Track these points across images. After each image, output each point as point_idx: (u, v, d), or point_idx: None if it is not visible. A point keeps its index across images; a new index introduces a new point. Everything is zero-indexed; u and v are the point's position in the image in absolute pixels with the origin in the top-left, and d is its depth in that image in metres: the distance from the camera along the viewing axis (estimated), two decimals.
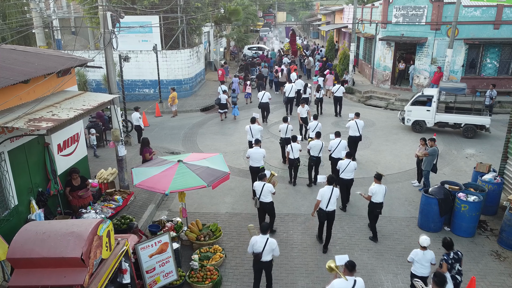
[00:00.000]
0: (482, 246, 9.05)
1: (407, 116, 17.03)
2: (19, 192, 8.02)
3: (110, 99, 9.22)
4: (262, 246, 6.99)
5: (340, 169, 10.27)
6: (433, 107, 16.36)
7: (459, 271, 6.76)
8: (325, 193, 8.56)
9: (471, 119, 16.08)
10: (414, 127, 17.02)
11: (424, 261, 6.91)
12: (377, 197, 8.97)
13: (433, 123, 16.63)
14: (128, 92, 21.68)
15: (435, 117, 16.49)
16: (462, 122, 16.20)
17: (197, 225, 9.34)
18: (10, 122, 6.71)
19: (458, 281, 6.75)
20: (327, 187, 8.63)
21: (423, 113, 16.64)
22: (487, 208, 10.10)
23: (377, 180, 9.01)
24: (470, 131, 16.10)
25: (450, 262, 6.70)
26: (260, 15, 59.15)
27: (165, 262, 6.98)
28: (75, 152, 10.21)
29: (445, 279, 5.70)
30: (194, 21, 24.00)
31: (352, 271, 5.91)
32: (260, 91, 18.76)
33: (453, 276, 6.72)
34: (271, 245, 7.05)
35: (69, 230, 5.16)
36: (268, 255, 7.08)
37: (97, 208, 9.63)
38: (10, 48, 9.43)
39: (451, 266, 6.69)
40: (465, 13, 20.64)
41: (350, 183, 10.46)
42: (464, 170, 13.12)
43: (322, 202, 8.61)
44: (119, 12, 10.15)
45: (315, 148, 11.50)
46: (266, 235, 7.10)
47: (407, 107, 17.11)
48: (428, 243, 6.93)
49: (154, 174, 8.35)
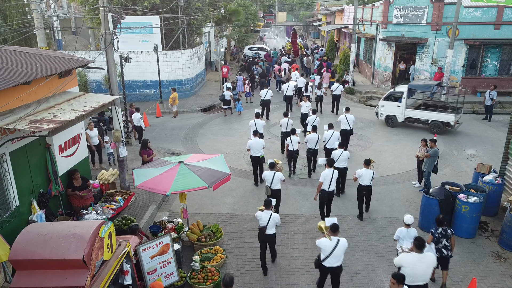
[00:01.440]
0: (483, 247, 9.05)
1: (380, 110, 18.00)
2: (21, 193, 8.03)
3: (111, 100, 9.23)
4: (266, 220, 7.81)
5: (334, 159, 10.56)
6: (403, 103, 17.17)
7: (445, 246, 7.45)
8: (327, 175, 9.38)
9: (437, 115, 16.67)
10: (387, 122, 17.92)
11: (408, 238, 7.49)
12: (364, 180, 9.77)
13: (403, 118, 17.42)
14: (129, 92, 21.68)
15: (405, 112, 17.28)
16: (429, 119, 16.86)
17: (198, 226, 9.35)
18: (11, 123, 6.73)
19: (444, 255, 7.45)
20: (328, 169, 9.44)
21: (394, 109, 17.52)
22: (488, 209, 10.10)
23: (366, 165, 9.85)
24: (436, 127, 16.66)
25: (436, 235, 7.45)
26: (261, 15, 59.11)
27: (167, 263, 6.99)
28: (76, 153, 10.22)
29: (424, 243, 6.46)
30: (194, 22, 24.02)
31: (335, 232, 6.93)
32: (263, 89, 19.10)
33: (439, 249, 7.45)
34: (274, 219, 7.91)
35: (71, 232, 5.17)
36: (271, 228, 7.94)
37: (98, 209, 9.65)
38: (12, 49, 9.44)
39: (437, 239, 7.46)
40: (465, 14, 20.64)
41: (344, 172, 11.08)
42: (464, 170, 13.12)
43: (324, 184, 9.40)
44: (120, 13, 10.16)
45: (311, 141, 12.19)
46: (269, 211, 7.91)
47: (380, 102, 18.16)
48: (412, 221, 7.61)
49: (155, 175, 8.36)
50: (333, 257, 6.90)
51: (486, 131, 17.24)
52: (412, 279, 6.28)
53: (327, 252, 6.90)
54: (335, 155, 10.85)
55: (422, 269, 6.37)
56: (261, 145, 11.64)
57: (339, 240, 6.88)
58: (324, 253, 6.94)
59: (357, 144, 15.69)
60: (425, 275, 6.42)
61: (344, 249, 6.96)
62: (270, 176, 9.62)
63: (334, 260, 6.93)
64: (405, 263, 6.38)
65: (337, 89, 19.45)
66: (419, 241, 6.45)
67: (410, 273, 6.26)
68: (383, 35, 23.22)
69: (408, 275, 6.15)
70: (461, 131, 17.06)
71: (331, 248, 6.86)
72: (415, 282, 6.34)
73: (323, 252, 6.96)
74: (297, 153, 12.38)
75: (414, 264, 6.34)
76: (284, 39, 49.41)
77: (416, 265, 6.34)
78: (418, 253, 6.44)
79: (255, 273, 8.22)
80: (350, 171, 12.51)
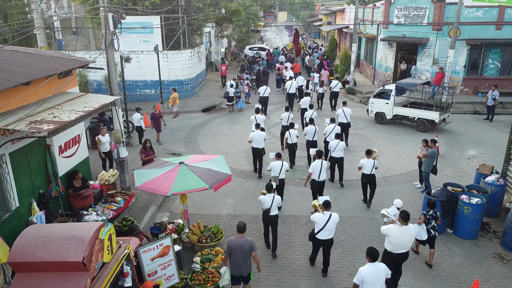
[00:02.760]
0: (485, 248, 9.00)
1: (370, 107, 18.56)
2: (20, 194, 7.99)
3: (111, 101, 9.19)
4: (270, 203, 8.40)
5: (331, 149, 11.66)
6: (391, 101, 17.65)
7: (434, 227, 8.29)
8: (316, 166, 10.03)
9: (422, 113, 17.01)
10: (377, 119, 18.44)
11: None
12: (366, 169, 10.52)
13: (391, 116, 17.87)
14: (129, 92, 21.65)
15: (393, 110, 17.73)
16: (414, 116, 17.23)
17: (199, 227, 9.30)
18: (11, 124, 6.70)
19: (432, 234, 8.29)
20: (317, 161, 10.10)
21: (382, 106, 18.06)
22: (490, 210, 10.05)
23: (367, 155, 10.58)
24: (421, 125, 17.03)
25: (427, 217, 8.29)
26: (261, 15, 59.09)
27: (167, 265, 6.94)
28: (76, 154, 10.19)
29: (409, 215, 7.20)
30: (195, 22, 23.97)
31: (327, 207, 7.70)
32: (262, 86, 20.20)
33: (428, 229, 8.28)
34: (277, 201, 8.48)
35: (71, 234, 5.13)
36: (274, 210, 8.50)
37: (98, 209, 9.61)
38: (12, 50, 9.40)
39: (428, 220, 8.28)
40: (467, 14, 20.58)
41: (340, 161, 11.84)
42: (466, 171, 13.06)
43: (314, 174, 10.06)
44: (120, 13, 10.12)
45: (310, 132, 12.98)
46: (272, 194, 8.47)
47: (370, 100, 18.66)
48: (401, 205, 8.53)
49: (156, 176, 8.32)
50: (326, 230, 7.67)
51: (487, 131, 17.17)
52: (396, 248, 7.12)
53: (320, 226, 7.65)
54: (332, 145, 11.63)
55: (406, 239, 7.09)
56: (262, 137, 12.40)
57: (331, 215, 7.64)
58: (318, 226, 7.69)
59: (358, 144, 15.64)
60: (408, 244, 7.18)
61: (336, 223, 7.73)
62: (279, 166, 10.14)
63: (326, 233, 7.70)
64: (392, 234, 7.11)
65: (336, 87, 20.20)
66: (405, 214, 7.17)
67: (395, 242, 7.09)
68: (384, 35, 23.16)
69: (393, 244, 7.11)
70: (462, 131, 17.01)
71: (324, 221, 7.61)
72: (399, 250, 7.14)
73: (317, 225, 7.71)
74: (296, 146, 13.06)
75: (400, 235, 7.08)
76: (285, 38, 49.41)
77: (401, 235, 7.07)
78: (403, 225, 7.12)
79: (256, 274, 8.16)
80: (351, 172, 12.59)
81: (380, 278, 6.07)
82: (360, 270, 6.08)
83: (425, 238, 8.27)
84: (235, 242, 6.79)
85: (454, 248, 9.02)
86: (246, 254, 6.80)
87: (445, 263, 8.49)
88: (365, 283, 6.02)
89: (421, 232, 8.23)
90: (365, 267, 6.11)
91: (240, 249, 6.75)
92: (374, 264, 6.11)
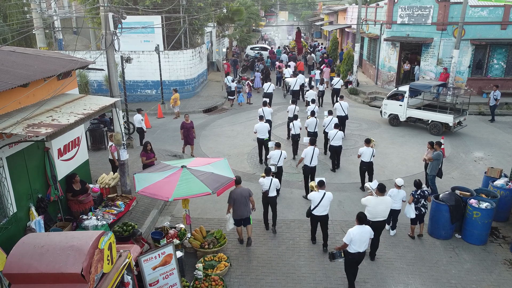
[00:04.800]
0: (495, 254, 8.77)
1: (384, 109, 18.13)
2: (18, 199, 7.77)
3: (111, 103, 8.96)
4: (268, 185, 9.22)
5: (330, 138, 12.60)
6: (404, 103, 17.10)
7: (424, 205, 9.06)
8: (308, 152, 10.81)
9: (436, 116, 16.48)
10: (390, 121, 17.94)
11: (397, 198, 9.01)
12: (365, 157, 11.33)
13: (405, 118, 17.33)
14: (130, 93, 21.42)
15: (406, 112, 17.18)
16: (429, 119, 16.72)
17: (201, 232, 9.08)
18: (8, 128, 6.47)
19: (422, 212, 9.09)
20: (309, 147, 10.86)
21: (396, 108, 17.51)
22: (499, 214, 9.81)
23: (366, 144, 11.41)
24: (435, 128, 16.54)
25: (416, 196, 9.02)
26: (262, 14, 58.82)
27: (169, 274, 6.72)
28: (76, 157, 9.97)
29: (385, 187, 8.24)
30: (196, 21, 23.74)
31: (321, 186, 8.57)
32: (266, 82, 21.06)
33: (418, 207, 9.04)
34: (275, 183, 9.34)
35: (69, 244, 4.91)
36: (273, 191, 9.35)
37: (98, 214, 9.39)
38: (9, 50, 9.17)
39: (417, 200, 9.02)
40: (471, 13, 20.31)
41: (339, 149, 12.76)
42: (473, 174, 12.83)
43: (306, 159, 10.83)
44: (121, 13, 9.89)
45: (311, 124, 13.88)
46: (270, 177, 9.31)
47: (384, 101, 18.23)
48: (402, 183, 9.13)
49: (157, 181, 8.10)
50: (321, 207, 8.49)
51: (493, 132, 16.92)
52: (374, 216, 8.15)
53: (315, 203, 8.48)
54: (331, 134, 12.55)
55: (382, 209, 8.15)
56: (266, 128, 13.25)
57: (325, 193, 8.48)
58: (314, 203, 8.52)
59: (362, 145, 15.33)
60: (384, 213, 8.22)
61: (330, 200, 8.55)
62: (278, 155, 10.85)
63: (321, 209, 8.51)
64: (369, 204, 8.19)
65: (337, 84, 20.52)
66: (381, 186, 8.21)
67: (372, 211, 8.14)
68: (387, 35, 22.91)
69: (371, 213, 8.11)
70: (467, 133, 16.74)
71: (319, 199, 8.44)
72: (376, 218, 8.19)
73: (313, 203, 8.54)
74: (299, 136, 13.73)
75: (376, 204, 8.14)
76: (287, 38, 49.30)
77: (377, 205, 8.13)
78: (380, 196, 8.18)
79: (261, 281, 7.96)
80: (356, 175, 12.35)
81: (366, 237, 7.20)
82: (349, 231, 7.11)
83: (413, 216, 9.05)
84: (235, 191, 8.63)
85: (463, 254, 8.80)
86: (246, 199, 8.67)
87: (454, 270, 8.26)
88: (353, 242, 7.10)
89: (410, 211, 9.04)
90: (353, 229, 7.14)
91: (240, 196, 8.59)
92: (361, 226, 7.16)
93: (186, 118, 14.32)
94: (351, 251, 7.17)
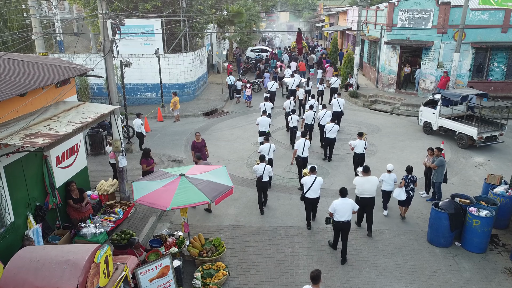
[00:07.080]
0: (495, 263, 8.72)
1: (420, 116, 17.74)
2: (16, 208, 7.74)
3: (110, 110, 8.94)
4: (262, 170, 10.31)
5: (326, 131, 13.75)
6: (437, 111, 16.58)
7: (412, 189, 10.17)
8: (300, 144, 11.74)
9: (462, 127, 15.53)
10: (425, 129, 17.39)
11: (390, 181, 10.29)
12: (358, 149, 12.23)
13: (437, 127, 16.80)
14: (130, 96, 21.42)
15: (438, 121, 16.65)
16: (456, 130, 15.84)
17: (200, 240, 9.04)
18: (5, 138, 6.45)
19: (410, 195, 10.20)
20: (301, 139, 11.82)
21: (430, 115, 17.03)
22: (498, 222, 9.75)
23: (359, 137, 12.34)
24: (461, 141, 15.58)
25: (407, 180, 10.12)
26: (263, 16, 58.80)
27: (166, 285, 6.69)
28: (74, 164, 9.95)
29: (368, 168, 9.58)
30: (196, 24, 23.72)
31: (313, 171, 9.57)
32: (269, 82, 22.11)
33: (407, 191, 10.13)
34: (268, 169, 10.43)
35: (65, 258, 4.90)
36: (266, 176, 10.46)
37: (96, 221, 9.36)
38: (8, 58, 9.14)
39: (407, 184, 10.10)
40: (472, 17, 20.26)
41: (333, 141, 13.96)
42: (473, 179, 12.77)
43: (298, 151, 11.74)
44: (120, 19, 9.85)
45: (309, 117, 15.25)
46: (263, 163, 10.42)
47: (421, 108, 17.76)
48: (392, 168, 10.33)
49: (155, 189, 8.06)
50: (312, 190, 9.47)
51: None
52: (361, 192, 9.42)
53: (307, 186, 9.44)
54: (328, 127, 13.68)
55: (368, 187, 9.35)
56: (267, 122, 14.48)
57: (316, 178, 9.48)
58: (306, 187, 9.47)
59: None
60: (370, 191, 9.37)
61: (320, 185, 9.55)
62: (267, 148, 11.74)
63: (313, 193, 9.50)
64: (357, 183, 9.49)
65: (335, 83, 21.33)
66: (365, 168, 9.55)
67: (359, 189, 9.42)
68: (387, 38, 22.87)
69: (358, 190, 9.43)
70: None
71: (310, 183, 9.41)
72: (363, 195, 9.41)
73: (305, 186, 9.49)
74: (296, 129, 15.23)
75: (362, 183, 9.40)
76: (287, 38, 49.35)
77: (363, 184, 9.38)
78: (365, 176, 9.41)
79: None
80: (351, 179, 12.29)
81: (347, 208, 8.40)
82: (333, 202, 8.45)
83: (403, 198, 10.06)
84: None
85: (463, 262, 8.75)
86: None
87: (454, 279, 8.22)
88: (337, 211, 8.38)
89: (401, 194, 10.04)
90: (337, 200, 8.44)
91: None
92: (344, 199, 8.42)
93: (197, 136, 12.32)
94: (336, 219, 8.47)
